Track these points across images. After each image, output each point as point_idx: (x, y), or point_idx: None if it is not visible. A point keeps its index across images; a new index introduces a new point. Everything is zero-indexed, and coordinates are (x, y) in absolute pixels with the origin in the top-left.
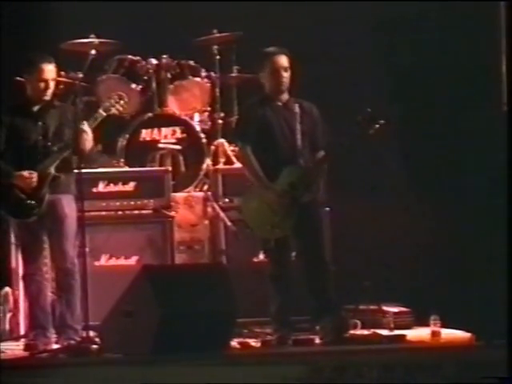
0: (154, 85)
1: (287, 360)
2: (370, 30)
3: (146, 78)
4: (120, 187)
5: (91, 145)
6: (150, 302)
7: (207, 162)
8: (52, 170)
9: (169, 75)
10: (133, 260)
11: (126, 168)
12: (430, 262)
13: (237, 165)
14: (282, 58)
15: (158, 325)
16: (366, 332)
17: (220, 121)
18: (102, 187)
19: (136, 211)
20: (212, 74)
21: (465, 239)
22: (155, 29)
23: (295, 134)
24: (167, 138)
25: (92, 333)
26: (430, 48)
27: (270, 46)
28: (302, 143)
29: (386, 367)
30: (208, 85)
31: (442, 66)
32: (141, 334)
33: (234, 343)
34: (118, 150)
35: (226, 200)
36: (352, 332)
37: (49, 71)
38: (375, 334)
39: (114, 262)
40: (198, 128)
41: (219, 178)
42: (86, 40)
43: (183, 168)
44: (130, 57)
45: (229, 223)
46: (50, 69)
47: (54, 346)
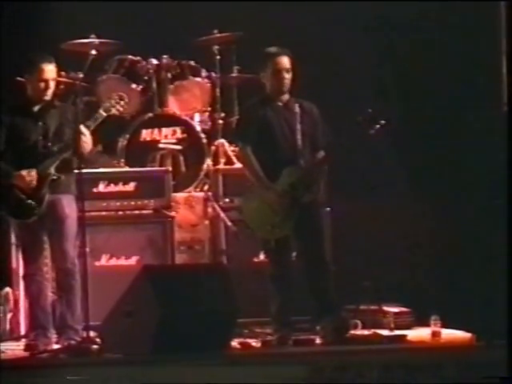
0: (154, 85)
1: (288, 360)
2: (370, 29)
3: (146, 78)
4: (120, 187)
5: (90, 147)
6: (150, 302)
7: (208, 162)
8: (52, 170)
9: (169, 75)
10: (133, 260)
11: (127, 168)
12: (429, 262)
13: (237, 165)
14: (285, 58)
15: (158, 325)
16: (366, 332)
17: (220, 121)
18: (102, 187)
19: (136, 211)
20: (212, 74)
21: (465, 239)
22: (155, 29)
23: (295, 135)
24: (167, 138)
25: (92, 333)
26: (429, 48)
27: (270, 46)
28: (302, 143)
29: (386, 367)
30: (208, 85)
31: (442, 66)
32: (141, 334)
33: (234, 343)
34: (119, 150)
35: (227, 200)
36: (352, 332)
37: (49, 71)
38: (376, 334)
39: (114, 262)
40: (198, 128)
41: (220, 178)
42: (86, 40)
43: (183, 168)
44: (131, 57)
45: (229, 223)
46: (50, 69)
47: (55, 346)
